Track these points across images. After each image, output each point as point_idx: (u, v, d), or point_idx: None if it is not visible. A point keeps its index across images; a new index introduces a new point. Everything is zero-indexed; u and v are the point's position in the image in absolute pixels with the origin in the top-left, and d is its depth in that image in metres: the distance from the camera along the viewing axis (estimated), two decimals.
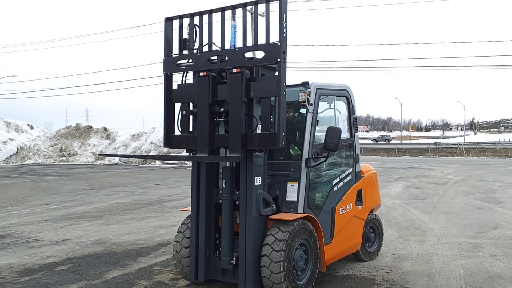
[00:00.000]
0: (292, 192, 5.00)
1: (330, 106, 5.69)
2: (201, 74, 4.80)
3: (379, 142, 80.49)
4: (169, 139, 5.16)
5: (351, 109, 5.95)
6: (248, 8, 4.74)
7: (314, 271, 5.00)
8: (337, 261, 5.94)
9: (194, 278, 5.05)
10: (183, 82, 5.08)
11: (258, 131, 4.61)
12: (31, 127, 39.05)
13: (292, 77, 5.31)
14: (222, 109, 4.77)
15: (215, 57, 4.80)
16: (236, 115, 4.55)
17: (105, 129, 35.22)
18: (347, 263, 6.23)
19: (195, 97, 4.89)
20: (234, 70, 4.56)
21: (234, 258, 4.84)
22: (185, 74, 5.07)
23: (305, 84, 5.16)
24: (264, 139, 4.52)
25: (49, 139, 35.87)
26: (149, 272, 5.90)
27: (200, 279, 5.02)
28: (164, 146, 5.24)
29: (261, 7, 4.61)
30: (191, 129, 5.08)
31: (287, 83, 5.29)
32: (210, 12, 4.86)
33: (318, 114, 5.24)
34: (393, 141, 79.60)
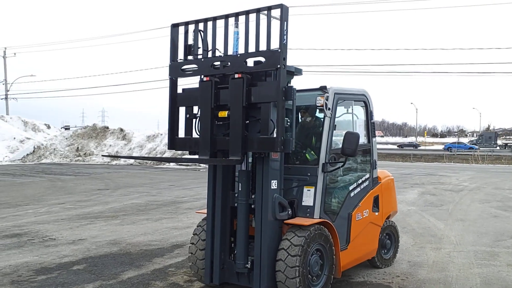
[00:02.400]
0: (308, 197, 4.98)
1: (347, 110, 5.66)
2: (205, 79, 4.90)
3: (404, 148, 72.85)
4: (173, 142, 5.23)
5: (369, 114, 5.92)
6: (251, 15, 4.77)
7: (330, 277, 4.97)
8: (353, 268, 5.91)
9: (209, 281, 5.07)
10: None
11: (274, 135, 4.62)
12: (48, 127, 39.46)
13: (309, 81, 5.32)
14: None
15: (218, 63, 4.87)
16: (237, 119, 4.62)
17: (121, 130, 35.48)
18: (363, 269, 6.19)
19: (198, 101, 4.96)
20: (236, 76, 4.63)
21: (249, 262, 4.84)
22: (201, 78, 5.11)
23: (323, 89, 5.15)
24: (263, 142, 4.55)
25: (66, 138, 36.23)
26: (164, 274, 5.93)
27: (215, 281, 5.03)
28: (168, 149, 5.34)
29: (263, 14, 4.65)
30: (194, 132, 5.14)
31: (305, 87, 5.29)
32: (214, 19, 4.94)
33: (336, 119, 5.23)
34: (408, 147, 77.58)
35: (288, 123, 4.74)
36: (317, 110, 5.33)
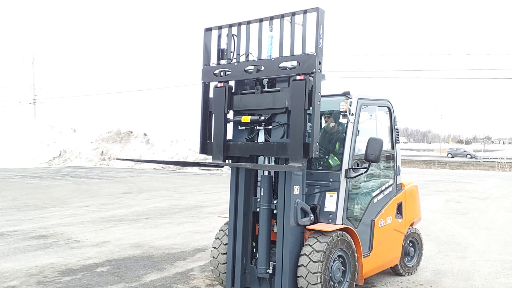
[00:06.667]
0: (330, 202, 4.96)
1: (371, 116, 5.62)
2: (219, 85, 4.95)
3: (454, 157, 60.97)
4: (205, 146, 5.24)
5: (392, 120, 5.87)
6: (286, 19, 4.75)
7: (352, 284, 4.93)
8: (375, 275, 5.85)
9: (230, 285, 5.07)
10: None
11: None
12: (74, 131, 40.16)
13: (332, 86, 5.29)
14: (262, 118, 4.80)
15: (251, 67, 4.85)
16: (298, 123, 4.50)
17: (145, 134, 35.88)
18: (385, 277, 6.12)
19: (212, 107, 5.06)
20: (298, 77, 4.52)
21: (271, 267, 4.83)
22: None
23: (346, 94, 5.12)
24: None
25: (91, 142, 36.82)
26: (185, 277, 5.97)
27: (236, 286, 5.03)
28: (200, 153, 5.34)
29: (298, 18, 4.62)
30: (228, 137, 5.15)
31: (328, 93, 5.26)
32: (248, 22, 4.91)
33: (359, 124, 5.19)
34: (433, 153, 75.66)
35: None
36: (340, 116, 5.31)
